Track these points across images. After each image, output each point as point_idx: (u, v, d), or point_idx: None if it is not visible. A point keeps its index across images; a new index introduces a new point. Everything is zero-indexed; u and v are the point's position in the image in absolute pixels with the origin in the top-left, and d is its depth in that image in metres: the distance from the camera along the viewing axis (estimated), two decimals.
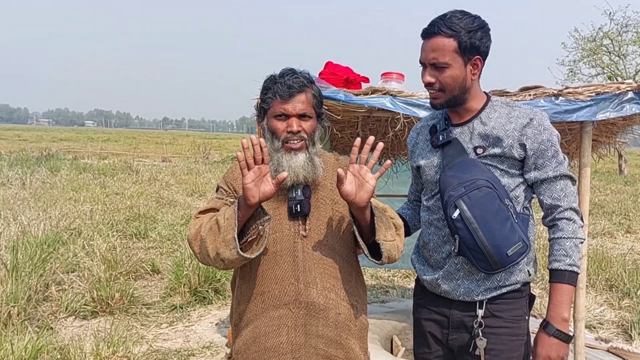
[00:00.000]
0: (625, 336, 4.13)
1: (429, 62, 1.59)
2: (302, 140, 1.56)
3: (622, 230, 8.67)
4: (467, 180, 1.56)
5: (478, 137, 1.63)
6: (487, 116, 1.64)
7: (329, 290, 1.57)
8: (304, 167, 1.55)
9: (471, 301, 1.64)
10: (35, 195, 9.64)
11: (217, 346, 3.81)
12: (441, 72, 1.58)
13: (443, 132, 1.69)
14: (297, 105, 1.55)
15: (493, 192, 1.54)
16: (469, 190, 1.55)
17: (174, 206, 9.61)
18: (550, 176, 1.60)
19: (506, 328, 1.63)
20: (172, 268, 5.14)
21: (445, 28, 1.55)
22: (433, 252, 1.73)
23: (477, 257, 1.55)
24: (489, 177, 1.57)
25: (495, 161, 1.61)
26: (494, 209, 1.52)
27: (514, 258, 1.53)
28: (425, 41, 1.60)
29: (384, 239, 1.50)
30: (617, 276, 5.33)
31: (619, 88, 2.46)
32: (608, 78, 20.12)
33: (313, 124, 1.60)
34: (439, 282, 1.70)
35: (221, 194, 1.67)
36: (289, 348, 1.53)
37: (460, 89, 1.61)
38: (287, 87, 1.54)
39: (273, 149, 1.57)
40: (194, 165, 19.53)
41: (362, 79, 2.82)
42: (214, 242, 1.45)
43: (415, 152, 1.85)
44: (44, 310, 4.23)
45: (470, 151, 1.63)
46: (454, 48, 1.55)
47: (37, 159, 17.63)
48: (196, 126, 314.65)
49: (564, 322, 1.54)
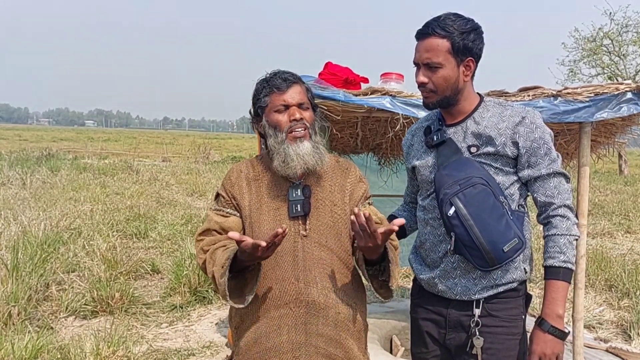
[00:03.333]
0: (624, 336, 4.13)
1: (423, 62, 1.61)
2: (305, 128, 1.59)
3: (622, 230, 8.68)
4: (462, 178, 1.58)
5: (471, 136, 1.65)
6: (480, 116, 1.66)
7: (328, 289, 1.58)
8: (311, 154, 1.58)
9: (468, 300, 1.65)
10: (36, 195, 9.64)
11: (217, 346, 3.82)
12: (434, 72, 1.60)
13: (437, 132, 1.71)
14: (296, 96, 1.59)
15: (488, 189, 1.56)
16: (464, 188, 1.56)
17: (174, 206, 9.61)
18: (543, 174, 1.61)
19: (503, 327, 1.63)
20: (172, 268, 5.15)
21: (439, 29, 1.57)
22: (429, 251, 1.74)
23: (473, 254, 1.56)
24: (483, 174, 1.59)
25: (489, 159, 1.62)
26: (489, 206, 1.54)
27: (510, 254, 1.54)
28: (419, 42, 1.63)
29: (395, 282, 1.55)
30: (617, 276, 5.33)
31: (618, 89, 2.46)
32: (608, 78, 20.12)
33: (312, 114, 1.64)
34: (435, 282, 1.71)
35: (220, 203, 1.68)
36: (290, 347, 1.54)
37: (453, 89, 1.63)
38: (282, 79, 1.59)
39: (277, 143, 1.59)
40: (194, 165, 19.53)
41: (362, 79, 2.83)
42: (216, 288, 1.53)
43: (411, 154, 1.86)
44: (44, 310, 4.23)
45: (465, 150, 1.65)
46: (447, 49, 1.58)
47: (37, 158, 17.62)
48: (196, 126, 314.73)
49: (559, 318, 1.54)
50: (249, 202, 1.64)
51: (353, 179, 1.71)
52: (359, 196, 1.69)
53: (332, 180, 1.68)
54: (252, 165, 1.71)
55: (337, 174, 1.70)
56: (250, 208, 1.64)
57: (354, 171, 1.73)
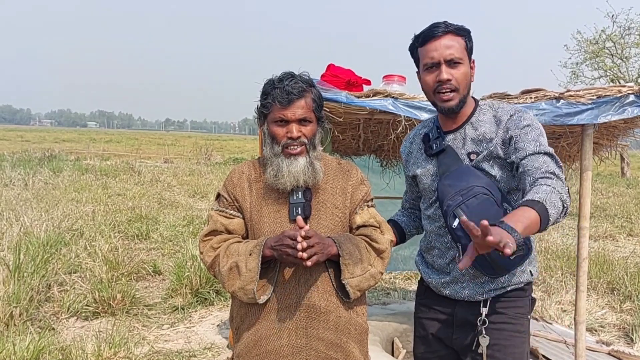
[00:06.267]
0: (626, 339, 4.12)
1: (445, 59, 1.58)
2: (302, 145, 1.57)
3: (624, 233, 8.66)
4: (464, 189, 1.56)
5: (471, 143, 1.64)
6: (477, 120, 1.66)
7: (329, 293, 1.58)
8: (304, 172, 1.56)
9: (475, 301, 1.66)
10: (38, 196, 9.66)
11: (218, 347, 3.82)
12: (456, 68, 1.59)
13: (436, 140, 1.70)
14: (297, 112, 1.55)
15: (490, 198, 1.54)
16: (466, 199, 1.55)
17: (176, 207, 9.62)
18: (529, 152, 1.51)
19: (509, 324, 1.65)
20: (173, 269, 5.15)
21: (453, 28, 1.59)
22: (437, 258, 1.75)
23: (481, 263, 1.55)
24: (485, 183, 1.57)
25: (489, 165, 1.61)
26: (492, 215, 1.50)
27: (517, 261, 1.54)
28: (433, 42, 1.59)
29: (350, 276, 1.54)
30: (619, 279, 5.32)
31: (621, 91, 2.46)
32: (610, 81, 20.09)
33: (313, 128, 1.60)
34: (444, 286, 1.72)
35: (222, 204, 1.68)
36: (290, 350, 1.54)
37: (468, 88, 1.63)
38: (286, 93, 1.53)
39: (273, 154, 1.58)
40: (195, 167, 19.54)
41: (364, 81, 2.83)
42: (231, 282, 1.53)
43: (410, 161, 1.85)
44: (45, 311, 4.24)
45: (465, 157, 1.64)
46: (464, 46, 1.60)
47: (39, 159, 17.66)
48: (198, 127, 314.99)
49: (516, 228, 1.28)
50: (250, 204, 1.64)
51: (354, 181, 1.70)
52: (358, 199, 1.69)
53: (334, 182, 1.67)
54: (254, 166, 1.71)
55: (339, 177, 1.69)
56: (251, 210, 1.64)
57: (355, 173, 1.72)
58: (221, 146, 40.74)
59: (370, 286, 1.60)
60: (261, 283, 1.54)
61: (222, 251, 1.57)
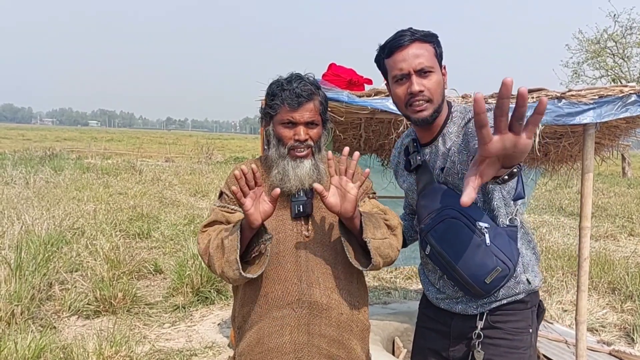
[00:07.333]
0: (627, 339, 4.12)
1: (415, 69, 1.47)
2: (308, 148, 1.57)
3: (625, 233, 8.65)
4: (434, 211, 1.52)
5: (442, 157, 1.56)
6: (448, 132, 1.56)
7: (331, 290, 1.58)
8: (309, 175, 1.56)
9: (472, 314, 1.61)
10: (39, 195, 9.67)
11: (219, 346, 3.82)
12: (428, 77, 1.48)
13: (414, 154, 1.64)
14: (305, 114, 1.54)
15: (459, 222, 1.47)
16: (435, 223, 1.51)
17: (177, 206, 9.63)
18: None
19: (505, 340, 1.57)
20: (174, 268, 5.15)
21: (420, 35, 1.49)
22: (430, 272, 1.73)
23: (460, 286, 1.53)
24: (455, 203, 1.48)
25: (460, 180, 1.51)
26: (463, 239, 1.45)
27: (495, 284, 1.45)
28: (400, 52, 1.49)
29: (372, 237, 1.49)
30: (620, 279, 5.32)
31: (622, 91, 2.46)
32: (612, 80, 20.08)
33: (319, 130, 1.60)
34: (439, 301, 1.69)
35: (224, 200, 1.68)
36: (292, 347, 1.54)
37: (442, 97, 1.54)
38: (295, 95, 1.52)
39: (278, 155, 1.58)
40: (197, 166, 19.55)
41: (365, 80, 2.83)
42: (219, 261, 1.50)
43: (398, 173, 1.82)
44: (47, 310, 4.25)
45: (438, 172, 1.57)
46: (433, 53, 1.50)
47: (40, 158, 17.67)
48: (199, 126, 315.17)
49: None
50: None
51: None
52: (360, 192, 1.68)
53: None
54: (256, 165, 1.71)
55: None
56: None
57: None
58: (222, 145, 40.76)
59: (389, 257, 1.54)
60: (257, 266, 1.52)
61: (213, 235, 1.57)
